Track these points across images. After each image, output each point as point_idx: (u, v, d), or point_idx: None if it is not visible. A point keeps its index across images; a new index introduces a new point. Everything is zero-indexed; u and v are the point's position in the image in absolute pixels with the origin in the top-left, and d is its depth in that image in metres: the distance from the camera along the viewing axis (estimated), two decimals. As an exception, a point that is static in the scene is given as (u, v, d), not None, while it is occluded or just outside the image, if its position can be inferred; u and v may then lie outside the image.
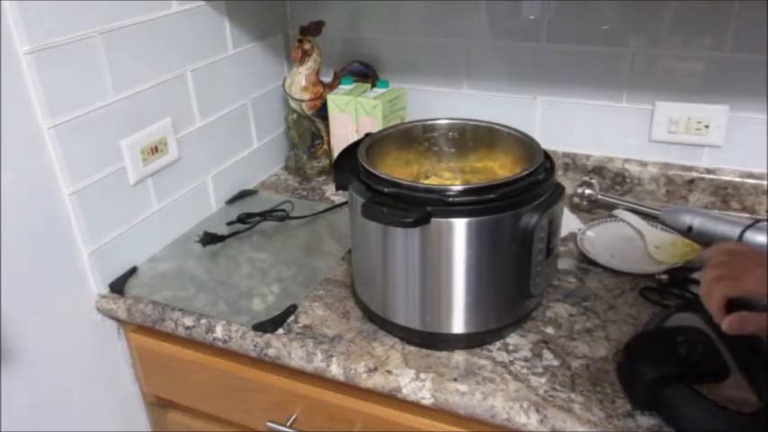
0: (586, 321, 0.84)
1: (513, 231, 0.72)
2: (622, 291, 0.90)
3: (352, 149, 0.83)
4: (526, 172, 0.73)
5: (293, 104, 1.23)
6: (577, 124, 1.16)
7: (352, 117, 1.17)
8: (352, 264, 0.90)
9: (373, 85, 1.20)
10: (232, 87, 1.17)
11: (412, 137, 0.91)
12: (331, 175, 1.26)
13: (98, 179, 0.92)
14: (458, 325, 0.77)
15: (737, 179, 1.07)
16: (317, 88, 1.21)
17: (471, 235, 0.71)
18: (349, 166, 0.80)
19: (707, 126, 1.06)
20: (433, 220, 0.70)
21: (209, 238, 1.03)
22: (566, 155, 1.18)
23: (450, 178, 0.93)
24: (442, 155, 0.92)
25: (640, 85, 1.09)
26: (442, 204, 0.70)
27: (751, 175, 1.07)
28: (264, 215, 1.09)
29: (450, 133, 0.91)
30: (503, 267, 0.75)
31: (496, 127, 0.87)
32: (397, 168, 0.89)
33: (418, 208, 0.70)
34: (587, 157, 1.16)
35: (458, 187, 0.71)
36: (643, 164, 1.13)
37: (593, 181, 1.11)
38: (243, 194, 1.21)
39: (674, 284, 0.90)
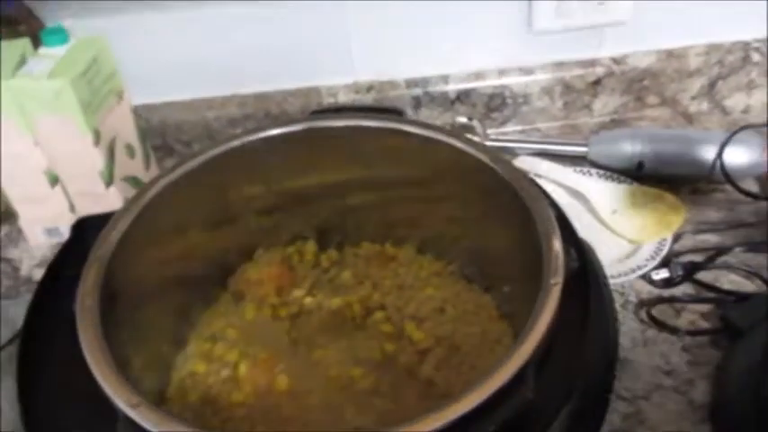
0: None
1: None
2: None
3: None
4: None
5: None
6: (420, 34, 0.71)
7: (18, 122, 0.57)
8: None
9: (36, 41, 0.60)
10: None
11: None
12: (11, 222, 0.67)
13: None
14: None
15: (656, 63, 0.74)
16: None
17: None
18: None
19: (611, -5, 0.69)
20: None
21: None
22: (411, 83, 0.73)
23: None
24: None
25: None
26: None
27: (671, 54, 0.74)
28: None
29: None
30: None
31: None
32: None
33: None
34: (445, 79, 0.73)
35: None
36: (527, 71, 0.73)
37: (473, 123, 0.69)
38: None
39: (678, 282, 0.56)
